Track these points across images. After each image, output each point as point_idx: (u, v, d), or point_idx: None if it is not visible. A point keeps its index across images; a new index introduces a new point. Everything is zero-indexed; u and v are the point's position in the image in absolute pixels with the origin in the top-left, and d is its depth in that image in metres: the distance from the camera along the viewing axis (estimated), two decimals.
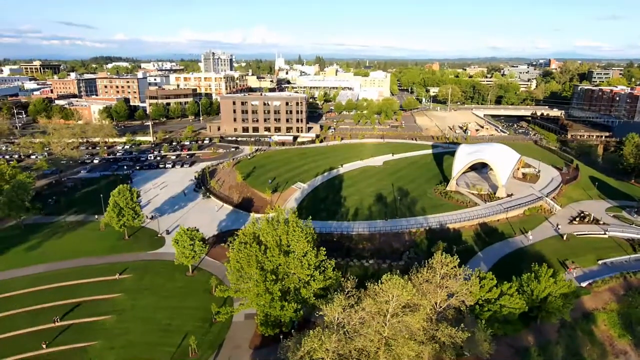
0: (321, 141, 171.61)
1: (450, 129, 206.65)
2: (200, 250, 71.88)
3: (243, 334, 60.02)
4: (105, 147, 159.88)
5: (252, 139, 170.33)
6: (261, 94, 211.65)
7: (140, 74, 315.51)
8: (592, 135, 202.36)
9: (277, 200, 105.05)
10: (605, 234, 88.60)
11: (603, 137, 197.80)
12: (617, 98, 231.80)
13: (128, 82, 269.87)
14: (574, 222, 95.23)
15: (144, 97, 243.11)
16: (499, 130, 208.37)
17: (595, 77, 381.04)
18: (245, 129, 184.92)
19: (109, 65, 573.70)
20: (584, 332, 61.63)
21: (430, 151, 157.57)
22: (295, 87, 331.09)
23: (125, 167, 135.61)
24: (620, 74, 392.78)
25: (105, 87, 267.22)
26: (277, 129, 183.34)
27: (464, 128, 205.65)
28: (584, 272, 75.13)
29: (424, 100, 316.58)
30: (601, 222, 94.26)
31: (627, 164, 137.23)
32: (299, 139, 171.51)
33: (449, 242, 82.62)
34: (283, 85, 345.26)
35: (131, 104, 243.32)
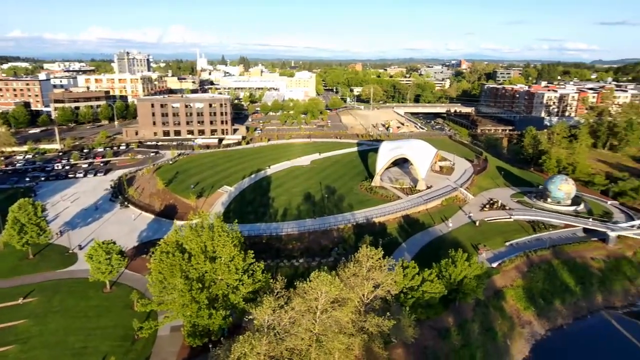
0: (248, 143, 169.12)
1: (374, 126, 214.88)
2: (118, 264, 67.09)
3: (169, 347, 57.14)
4: (2, 158, 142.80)
5: (174, 143, 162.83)
6: (182, 96, 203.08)
7: (42, 75, 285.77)
8: (498, 129, 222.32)
9: (203, 205, 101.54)
10: (510, 218, 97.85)
11: (507, 131, 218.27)
12: (517, 95, 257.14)
13: (28, 84, 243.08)
14: (485, 209, 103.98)
15: (47, 101, 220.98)
16: (418, 127, 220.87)
17: (499, 77, 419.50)
18: (166, 133, 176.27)
19: (5, 66, 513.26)
20: (495, 308, 67.61)
21: (355, 149, 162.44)
22: (219, 88, 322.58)
23: (27, 179, 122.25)
24: (519, 73, 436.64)
25: (0, 90, 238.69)
26: (201, 132, 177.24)
27: (387, 126, 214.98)
28: (493, 254, 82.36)
29: (348, 99, 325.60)
30: (507, 208, 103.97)
31: (527, 154, 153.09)
32: (224, 142, 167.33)
33: (375, 235, 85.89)
34: (206, 87, 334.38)
35: (32, 108, 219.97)
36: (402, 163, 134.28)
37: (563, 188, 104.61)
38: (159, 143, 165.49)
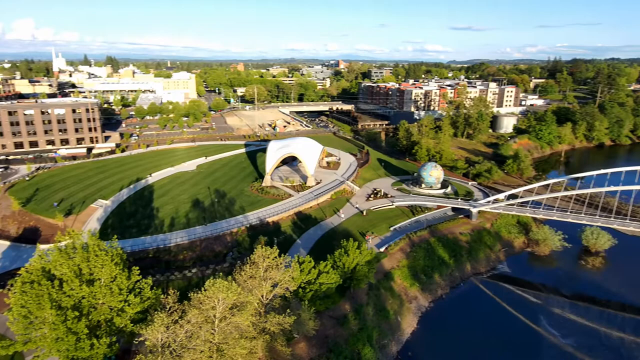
0: (123, 150, 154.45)
1: (260, 127, 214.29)
2: None
3: None
4: None
5: (31, 156, 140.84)
6: (37, 101, 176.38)
7: None
8: (377, 124, 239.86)
9: (73, 224, 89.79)
10: (393, 204, 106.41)
11: (384, 125, 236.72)
12: (390, 92, 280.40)
13: None
14: (370, 198, 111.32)
15: None
16: (303, 125, 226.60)
17: (373, 76, 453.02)
18: (19, 145, 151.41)
19: None
20: (386, 289, 72.88)
21: (243, 150, 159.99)
22: (84, 92, 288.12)
23: None
24: (390, 72, 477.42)
25: None
26: (65, 142, 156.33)
27: (273, 125, 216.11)
28: (381, 239, 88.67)
29: (232, 100, 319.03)
30: (389, 196, 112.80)
31: (402, 145, 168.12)
32: (94, 151, 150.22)
33: (270, 235, 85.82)
34: (67, 90, 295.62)
35: None
36: (291, 161, 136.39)
37: (433, 174, 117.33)
38: (10, 157, 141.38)
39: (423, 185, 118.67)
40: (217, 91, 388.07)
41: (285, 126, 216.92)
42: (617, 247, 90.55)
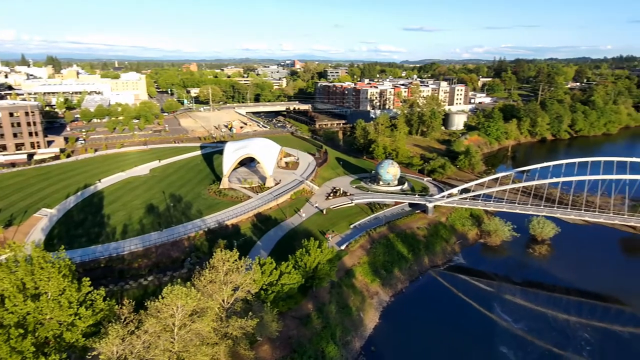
0: (68, 156, 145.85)
1: (216, 128, 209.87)
2: None
3: None
4: None
5: None
6: None
7: None
8: (334, 124, 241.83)
9: (15, 235, 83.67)
10: (352, 202, 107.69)
11: (341, 125, 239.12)
12: (346, 92, 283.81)
13: None
14: (330, 197, 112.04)
15: None
16: (260, 126, 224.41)
17: (329, 75, 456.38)
18: None
19: None
20: (348, 287, 73.66)
21: (199, 152, 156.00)
22: (22, 94, 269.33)
23: None
24: (346, 72, 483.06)
25: None
26: (2, 148, 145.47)
27: (229, 126, 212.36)
28: (341, 237, 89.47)
29: (186, 101, 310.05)
30: (348, 194, 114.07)
31: (359, 144, 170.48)
32: (36, 157, 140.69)
33: (229, 238, 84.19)
34: (3, 93, 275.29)
35: None
36: (249, 162, 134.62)
37: (390, 171, 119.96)
38: None
39: (381, 183, 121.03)
40: (169, 92, 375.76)
41: (242, 127, 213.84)
42: (561, 235, 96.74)
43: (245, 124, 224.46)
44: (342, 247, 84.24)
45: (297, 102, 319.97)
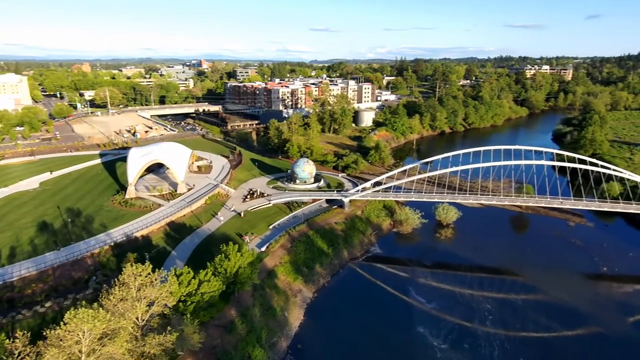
0: None
1: (117, 133, 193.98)
2: None
3: None
4: None
5: None
6: None
7: None
8: (247, 124, 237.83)
9: None
10: (270, 203, 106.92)
11: (254, 125, 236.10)
12: (257, 92, 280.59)
13: None
14: (247, 199, 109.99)
15: None
16: (168, 129, 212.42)
17: (239, 75, 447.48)
18: None
19: None
20: (271, 287, 73.05)
21: (99, 161, 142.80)
22: None
23: None
24: (256, 72, 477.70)
25: None
26: None
27: (132, 131, 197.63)
28: (261, 239, 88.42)
29: (79, 105, 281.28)
30: (266, 195, 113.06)
31: (273, 144, 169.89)
32: None
33: (140, 250, 78.54)
34: None
35: None
36: (157, 169, 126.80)
37: (306, 169, 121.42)
38: None
39: (297, 181, 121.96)
40: (58, 95, 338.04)
41: (147, 131, 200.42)
42: (462, 218, 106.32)
43: (151, 128, 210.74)
44: (263, 249, 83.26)
45: (206, 103, 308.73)
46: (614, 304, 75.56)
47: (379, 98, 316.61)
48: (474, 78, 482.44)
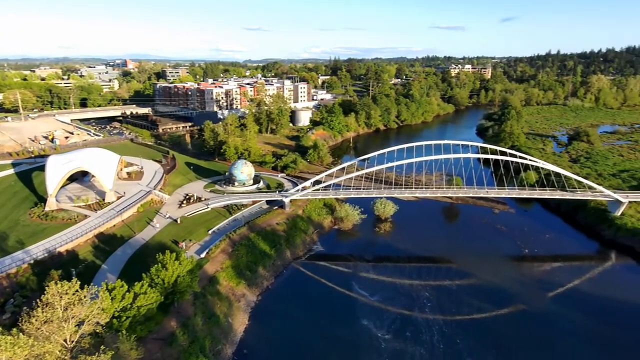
0: None
1: (33, 140, 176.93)
2: None
3: None
4: None
5: None
6: None
7: None
8: (179, 127, 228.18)
9: None
10: (208, 207, 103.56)
11: (188, 127, 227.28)
12: (190, 93, 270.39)
13: None
14: (183, 205, 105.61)
15: None
16: (92, 134, 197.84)
17: (169, 76, 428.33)
18: None
19: None
20: (213, 294, 70.77)
21: (12, 171, 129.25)
22: None
23: None
24: (187, 72, 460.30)
25: None
26: None
27: (50, 137, 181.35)
28: (200, 245, 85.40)
29: None
30: (203, 199, 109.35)
31: (209, 146, 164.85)
32: None
33: (65, 267, 72.50)
34: None
35: None
36: (81, 177, 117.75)
37: (244, 171, 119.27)
38: None
39: (236, 184, 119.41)
40: None
41: (67, 137, 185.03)
42: (399, 212, 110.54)
43: (72, 133, 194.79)
44: (202, 255, 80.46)
45: (134, 105, 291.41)
46: (535, 282, 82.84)
47: (315, 97, 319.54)
48: (404, 77, 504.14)
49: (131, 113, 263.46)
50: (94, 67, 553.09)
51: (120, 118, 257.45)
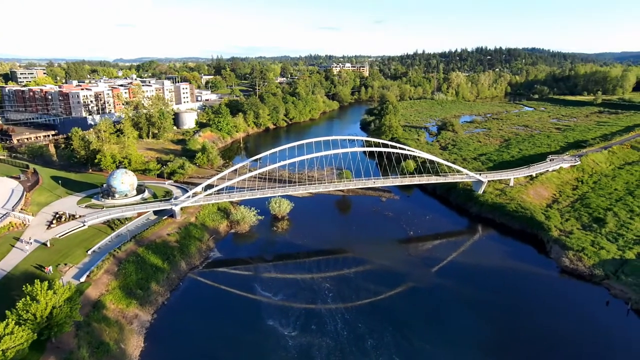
0: None
1: None
2: None
3: None
4: None
5: None
6: None
7: None
8: (40, 136, 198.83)
9: None
10: (85, 225, 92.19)
11: (51, 136, 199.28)
12: (50, 97, 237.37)
13: None
14: (52, 225, 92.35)
15: None
16: None
17: (21, 78, 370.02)
18: None
19: None
20: (99, 321, 63.35)
21: None
22: None
23: None
24: (44, 73, 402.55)
25: None
26: None
27: None
28: (79, 268, 75.65)
29: None
30: (77, 216, 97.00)
31: (80, 156, 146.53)
32: None
33: None
34: None
35: None
36: None
37: (125, 181, 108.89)
38: None
39: (117, 196, 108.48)
40: None
41: None
42: (295, 209, 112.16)
43: None
44: (82, 279, 71.43)
45: None
46: (420, 260, 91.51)
47: (199, 98, 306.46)
48: (289, 75, 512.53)
49: None
50: None
51: None
